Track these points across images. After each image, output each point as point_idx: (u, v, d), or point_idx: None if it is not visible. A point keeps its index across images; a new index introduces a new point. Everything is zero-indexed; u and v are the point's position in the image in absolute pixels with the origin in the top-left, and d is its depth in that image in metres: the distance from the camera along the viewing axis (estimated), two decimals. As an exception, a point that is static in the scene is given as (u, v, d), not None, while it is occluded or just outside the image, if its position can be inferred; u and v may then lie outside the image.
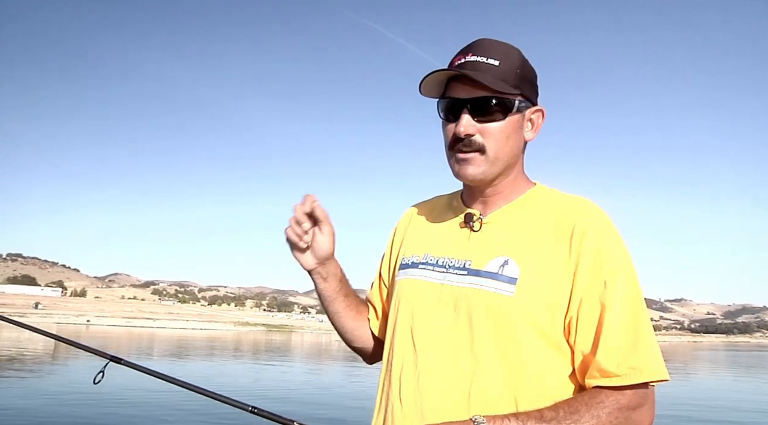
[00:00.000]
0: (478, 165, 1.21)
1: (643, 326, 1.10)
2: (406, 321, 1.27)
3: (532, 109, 1.25)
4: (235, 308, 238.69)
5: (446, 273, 1.24)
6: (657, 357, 1.09)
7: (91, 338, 42.97)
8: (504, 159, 1.22)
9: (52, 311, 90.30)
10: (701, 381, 27.95)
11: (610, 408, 1.05)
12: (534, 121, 1.26)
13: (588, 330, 1.10)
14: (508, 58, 1.21)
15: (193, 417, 10.53)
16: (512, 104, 1.20)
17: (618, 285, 1.10)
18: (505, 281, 1.15)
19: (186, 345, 41.08)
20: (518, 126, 1.23)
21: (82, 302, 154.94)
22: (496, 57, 1.20)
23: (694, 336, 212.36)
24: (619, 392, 1.07)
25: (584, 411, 1.04)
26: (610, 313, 1.09)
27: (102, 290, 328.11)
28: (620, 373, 1.06)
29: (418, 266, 1.30)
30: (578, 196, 1.25)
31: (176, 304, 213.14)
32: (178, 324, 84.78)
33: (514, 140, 1.23)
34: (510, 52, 1.23)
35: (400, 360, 1.25)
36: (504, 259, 1.17)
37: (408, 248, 1.38)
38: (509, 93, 1.19)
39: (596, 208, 1.20)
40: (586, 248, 1.12)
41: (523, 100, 1.22)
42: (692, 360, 51.28)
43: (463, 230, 1.27)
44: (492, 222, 1.25)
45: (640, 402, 1.08)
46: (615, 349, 1.07)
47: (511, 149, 1.22)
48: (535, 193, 1.28)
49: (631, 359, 1.07)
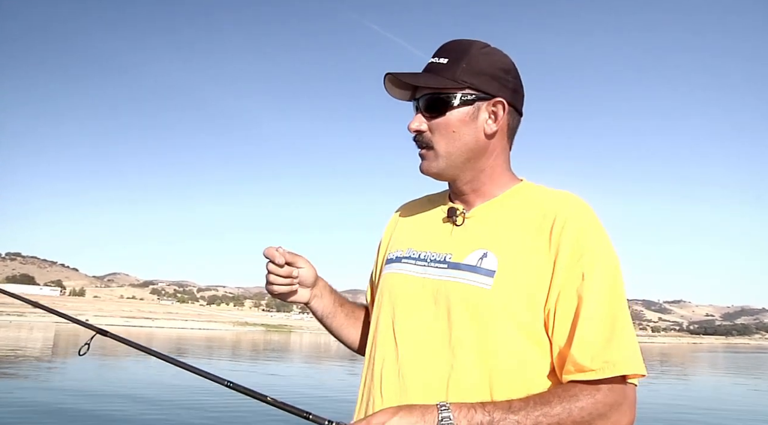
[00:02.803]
0: (430, 161, 1.25)
1: (620, 319, 1.09)
2: (387, 315, 1.28)
3: (492, 101, 1.23)
4: (234, 308, 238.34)
5: (427, 267, 1.24)
6: (633, 351, 1.08)
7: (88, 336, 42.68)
8: (457, 153, 1.23)
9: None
10: (705, 382, 27.85)
11: (584, 403, 1.04)
12: (496, 112, 1.23)
13: (564, 323, 1.10)
14: (460, 55, 1.22)
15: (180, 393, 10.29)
16: (453, 98, 1.21)
17: (596, 278, 1.10)
18: (483, 274, 1.15)
19: (208, 344, 41.03)
20: (467, 119, 1.22)
21: (81, 301, 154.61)
22: (446, 56, 1.23)
23: (693, 338, 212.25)
24: (594, 387, 1.05)
25: (556, 403, 1.03)
26: (586, 306, 1.08)
27: (101, 289, 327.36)
28: (594, 367, 1.05)
29: (401, 260, 1.32)
30: (563, 191, 1.24)
31: (175, 304, 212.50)
32: (176, 324, 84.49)
33: (466, 133, 1.22)
34: (465, 48, 1.24)
35: (381, 354, 1.26)
36: (483, 252, 1.18)
37: (394, 243, 1.39)
38: (449, 88, 1.20)
39: (579, 201, 1.20)
40: (565, 240, 1.12)
41: (473, 92, 1.21)
42: (692, 361, 51.13)
43: (446, 225, 1.28)
44: (474, 217, 1.26)
45: (616, 399, 1.06)
46: (590, 343, 1.06)
47: (464, 143, 1.22)
48: (521, 189, 1.28)
49: (605, 353, 1.05)
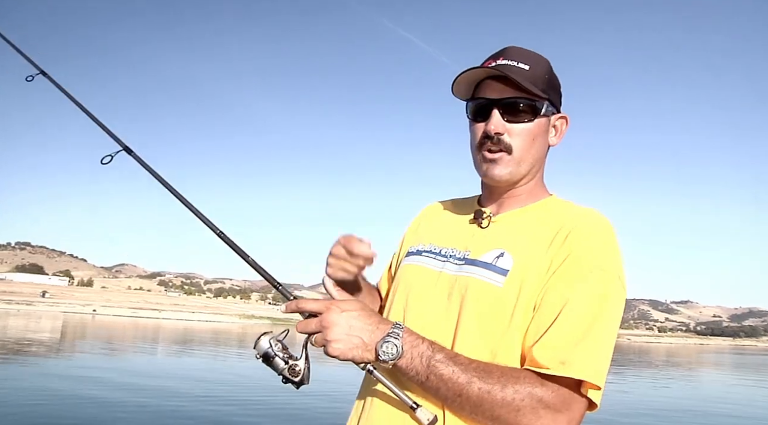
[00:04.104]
0: (505, 165, 1.24)
1: (597, 328, 1.07)
2: (400, 305, 1.30)
3: (557, 115, 1.29)
4: (240, 301, 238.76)
5: (446, 262, 1.27)
6: (596, 359, 1.05)
7: (98, 327, 43.07)
8: (529, 161, 1.25)
9: (59, 300, 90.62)
10: (717, 385, 27.63)
11: (521, 387, 1.03)
12: (558, 127, 1.30)
13: (540, 323, 1.10)
14: (538, 65, 1.25)
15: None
16: (541, 107, 1.23)
17: (586, 287, 1.09)
18: (497, 272, 1.17)
19: (214, 336, 41.19)
20: (544, 130, 1.26)
21: (89, 291, 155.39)
22: (526, 62, 1.23)
23: (700, 339, 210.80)
24: (539, 381, 1.04)
25: (496, 375, 1.04)
26: (565, 312, 1.08)
27: (108, 280, 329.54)
28: (548, 365, 1.04)
29: (421, 253, 1.34)
30: (588, 208, 1.24)
31: (182, 296, 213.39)
32: (183, 316, 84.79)
33: (540, 143, 1.26)
34: (539, 59, 1.27)
35: None
36: (500, 251, 1.20)
37: (417, 238, 1.42)
38: (538, 96, 1.22)
39: (598, 216, 1.20)
40: (568, 246, 1.14)
41: (550, 105, 1.26)
42: (699, 363, 50.81)
43: (471, 226, 1.30)
44: (500, 222, 1.27)
45: (556, 404, 1.03)
46: (553, 346, 1.06)
47: (537, 152, 1.26)
48: (549, 202, 1.29)
49: (564, 353, 1.04)
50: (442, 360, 1.05)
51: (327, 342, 1.06)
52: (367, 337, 1.07)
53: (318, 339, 1.08)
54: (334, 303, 1.10)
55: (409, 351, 1.05)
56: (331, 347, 1.06)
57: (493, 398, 1.02)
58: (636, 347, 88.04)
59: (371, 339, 1.07)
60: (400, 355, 1.05)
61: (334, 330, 1.06)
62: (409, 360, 1.05)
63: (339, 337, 1.06)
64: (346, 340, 1.06)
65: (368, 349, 1.06)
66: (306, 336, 1.11)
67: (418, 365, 1.05)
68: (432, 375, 1.04)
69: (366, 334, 1.07)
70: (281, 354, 1.15)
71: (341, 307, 1.09)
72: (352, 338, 1.06)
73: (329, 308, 1.08)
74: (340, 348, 1.06)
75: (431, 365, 1.05)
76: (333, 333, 1.06)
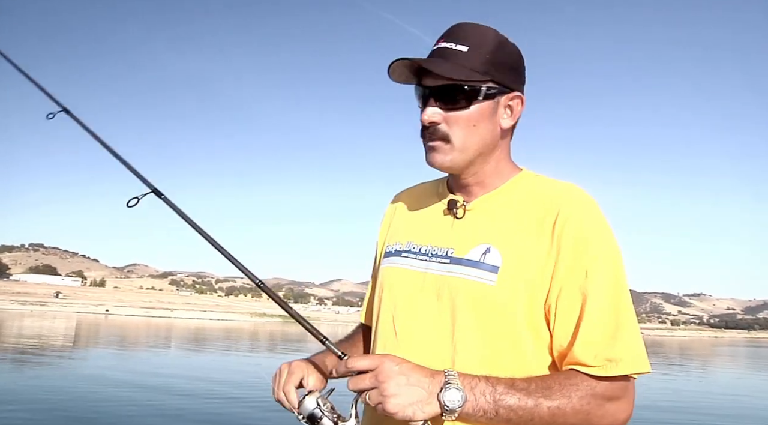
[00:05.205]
0: (444, 153, 1.18)
1: (624, 317, 1.07)
2: (388, 310, 1.25)
3: (510, 95, 1.19)
4: (251, 299, 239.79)
5: (429, 262, 1.22)
6: (637, 348, 1.06)
7: (111, 326, 43.34)
8: (474, 147, 1.18)
9: (72, 301, 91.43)
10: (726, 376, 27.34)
11: (583, 392, 1.03)
12: (513, 107, 1.20)
13: (567, 320, 1.08)
14: (480, 44, 1.15)
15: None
16: (477, 92, 1.14)
17: (599, 274, 1.08)
18: (486, 270, 1.12)
19: (227, 334, 41.34)
20: (488, 113, 1.17)
21: (102, 291, 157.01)
22: (465, 43, 1.15)
23: (714, 331, 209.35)
24: (594, 380, 1.05)
25: (557, 389, 1.03)
26: (590, 304, 1.06)
27: (121, 280, 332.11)
28: (597, 365, 1.04)
29: (401, 254, 1.28)
30: (565, 182, 1.21)
31: (193, 294, 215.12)
32: (195, 315, 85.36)
33: (484, 127, 1.17)
34: (484, 37, 1.16)
35: (381, 349, 1.23)
36: (486, 247, 1.15)
37: (392, 236, 1.35)
38: (475, 80, 1.14)
39: (582, 194, 1.16)
40: (567, 236, 1.10)
41: (496, 86, 1.16)
42: (714, 355, 50.30)
43: (447, 218, 1.25)
44: (475, 209, 1.22)
45: (616, 393, 1.05)
46: (593, 342, 1.05)
47: (481, 138, 1.18)
48: (521, 179, 1.24)
49: (608, 351, 1.04)
50: (505, 392, 1.01)
51: (384, 399, 0.98)
52: (426, 389, 0.99)
53: (373, 395, 0.99)
54: (388, 357, 1.03)
55: (471, 393, 1.00)
56: (390, 403, 0.97)
57: (564, 412, 1.02)
58: (649, 340, 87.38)
59: (431, 390, 0.99)
60: (465, 400, 0.99)
61: (391, 385, 0.98)
62: (474, 403, 1.00)
63: (397, 392, 0.98)
64: (406, 394, 0.98)
65: (430, 402, 0.98)
66: (356, 394, 1.03)
67: (483, 404, 1.00)
68: (501, 408, 1.00)
69: (425, 385, 0.99)
70: (329, 414, 1.07)
71: (395, 360, 1.02)
72: (412, 391, 0.98)
73: (383, 362, 1.01)
74: (400, 404, 0.97)
75: (497, 399, 1.00)
76: (390, 388, 0.97)
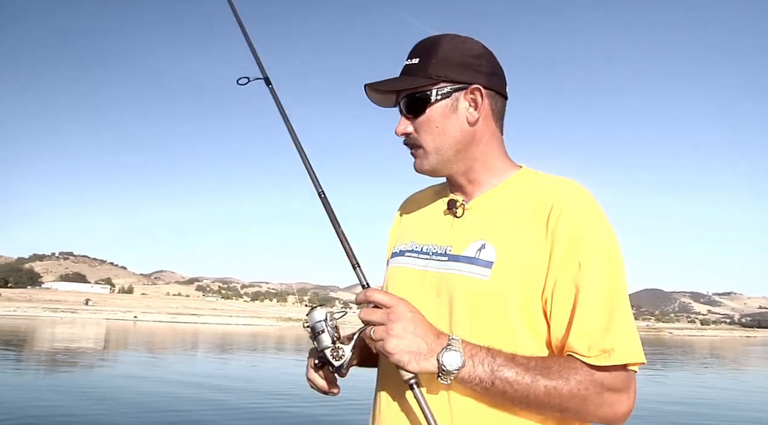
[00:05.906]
0: (422, 159, 1.24)
1: (618, 308, 1.08)
2: None
3: (469, 89, 1.21)
4: (277, 304, 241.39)
5: (429, 260, 1.25)
6: (630, 339, 1.07)
7: (140, 333, 43.88)
8: (446, 147, 1.22)
9: (101, 308, 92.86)
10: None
11: (582, 377, 1.04)
12: (475, 100, 1.22)
13: (561, 313, 1.09)
14: (429, 52, 1.22)
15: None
16: (427, 95, 1.20)
17: (593, 266, 1.08)
18: (481, 265, 1.14)
19: (252, 339, 41.65)
20: (446, 112, 1.21)
21: (130, 298, 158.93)
22: (417, 55, 1.23)
23: (746, 331, 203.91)
24: (593, 368, 1.05)
25: (556, 370, 1.04)
26: (583, 295, 1.07)
27: (148, 287, 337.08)
28: (591, 355, 1.05)
29: (404, 254, 1.32)
30: (564, 178, 1.22)
31: (219, 300, 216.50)
32: (221, 320, 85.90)
33: (449, 125, 1.21)
34: (434, 44, 1.23)
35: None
36: (481, 243, 1.17)
37: (399, 237, 1.40)
38: (425, 85, 1.20)
39: (578, 188, 1.18)
40: (561, 228, 1.11)
41: (448, 85, 1.21)
42: (748, 355, 49.09)
43: (447, 217, 1.28)
44: (474, 208, 1.25)
45: (616, 384, 1.06)
46: (586, 333, 1.06)
47: (449, 136, 1.22)
48: (520, 176, 1.26)
49: (602, 341, 1.05)
50: (504, 364, 1.03)
51: (387, 337, 1.01)
52: (429, 344, 1.03)
53: (378, 330, 1.03)
54: (405, 301, 1.06)
55: (470, 360, 1.02)
56: (390, 342, 1.01)
57: (561, 392, 1.03)
58: (678, 340, 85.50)
59: (432, 347, 1.02)
60: (463, 365, 1.02)
61: (398, 326, 1.02)
62: (472, 369, 1.02)
63: (402, 335, 1.02)
64: (409, 341, 1.02)
65: (428, 358, 1.02)
66: (363, 325, 1.06)
67: (481, 372, 1.02)
68: (497, 379, 1.02)
69: (429, 341, 1.03)
70: (331, 331, 1.08)
71: (411, 307, 1.05)
72: (415, 341, 1.02)
73: (400, 304, 1.05)
74: (399, 347, 1.01)
75: (494, 370, 1.03)
76: (396, 329, 1.02)
